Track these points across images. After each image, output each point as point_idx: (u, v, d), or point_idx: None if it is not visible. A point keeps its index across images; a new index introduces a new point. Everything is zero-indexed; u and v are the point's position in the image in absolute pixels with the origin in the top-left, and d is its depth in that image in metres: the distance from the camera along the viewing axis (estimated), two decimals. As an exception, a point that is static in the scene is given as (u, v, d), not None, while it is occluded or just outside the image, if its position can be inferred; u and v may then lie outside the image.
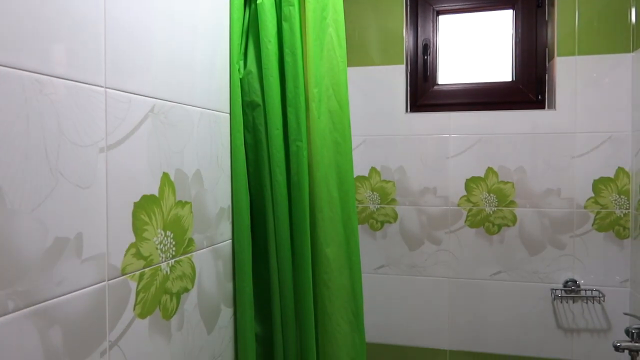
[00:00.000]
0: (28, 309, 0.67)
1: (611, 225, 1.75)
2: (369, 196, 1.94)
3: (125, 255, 0.85)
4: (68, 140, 0.73)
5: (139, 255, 0.88)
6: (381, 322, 1.92)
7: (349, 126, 1.24)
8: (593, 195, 1.76)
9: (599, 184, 1.76)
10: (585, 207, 1.77)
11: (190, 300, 1.04)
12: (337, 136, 1.20)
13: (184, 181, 1.02)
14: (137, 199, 0.88)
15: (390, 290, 1.93)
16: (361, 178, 1.94)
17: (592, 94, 1.75)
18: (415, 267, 1.91)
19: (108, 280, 0.81)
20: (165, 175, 0.95)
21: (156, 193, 0.93)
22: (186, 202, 1.02)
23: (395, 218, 1.92)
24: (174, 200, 0.98)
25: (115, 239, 0.83)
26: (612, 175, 1.74)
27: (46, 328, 0.69)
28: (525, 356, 1.83)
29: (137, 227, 0.88)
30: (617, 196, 1.74)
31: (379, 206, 1.93)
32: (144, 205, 0.89)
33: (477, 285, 1.86)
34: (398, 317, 1.93)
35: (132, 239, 0.87)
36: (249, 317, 1.18)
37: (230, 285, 1.20)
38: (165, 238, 0.96)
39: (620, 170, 1.73)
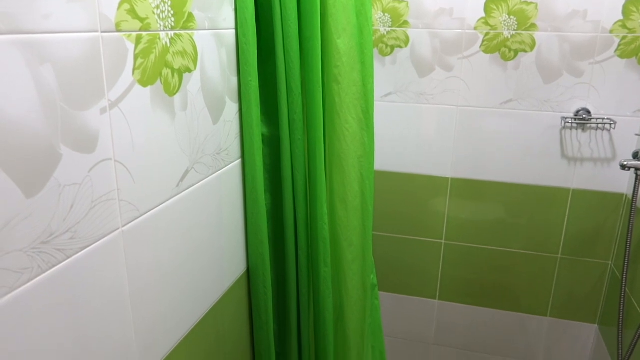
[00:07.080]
0: (13, 35, 0.59)
1: (635, 51, 1.65)
2: (380, 18, 1.80)
3: (118, 8, 0.76)
4: None
5: (134, 13, 0.79)
6: (385, 150, 1.90)
7: None
8: (622, 17, 1.63)
9: (630, 5, 1.62)
10: (611, 32, 1.65)
11: (193, 82, 0.97)
12: None
13: (180, -59, 0.89)
14: (126, -54, 0.76)
15: (396, 119, 1.88)
16: (372, -3, 1.78)
17: None
18: (424, 95, 1.84)
19: (101, 32, 0.73)
20: None
21: (148, -55, 0.81)
22: (183, -31, 0.91)
23: (407, 42, 1.80)
24: (169, -40, 0.86)
25: (105, -14, 0.73)
26: (646, -5, 1.60)
27: (37, 64, 0.63)
28: (524, 184, 1.85)
29: (130, -19, 0.78)
30: (648, 19, 1.61)
31: (389, 29, 1.80)
32: (136, -43, 0.78)
33: (486, 114, 1.81)
34: (402, 145, 1.91)
35: (125, -8, 0.77)
36: (255, 114, 1.13)
37: (235, 80, 1.13)
38: (163, 4, 0.86)
39: (656, -12, 1.59)
